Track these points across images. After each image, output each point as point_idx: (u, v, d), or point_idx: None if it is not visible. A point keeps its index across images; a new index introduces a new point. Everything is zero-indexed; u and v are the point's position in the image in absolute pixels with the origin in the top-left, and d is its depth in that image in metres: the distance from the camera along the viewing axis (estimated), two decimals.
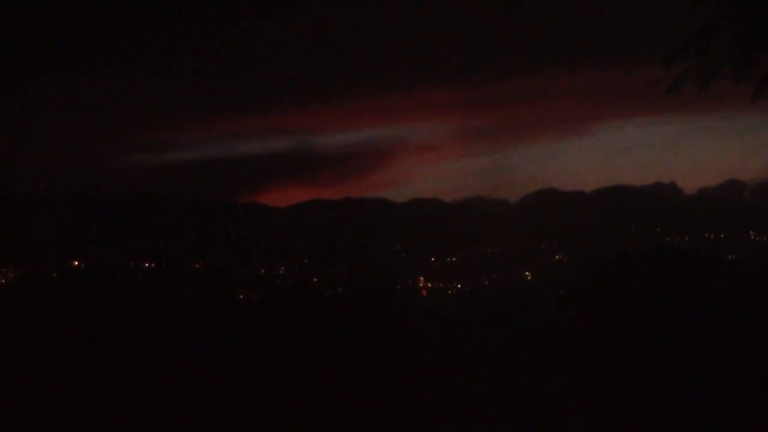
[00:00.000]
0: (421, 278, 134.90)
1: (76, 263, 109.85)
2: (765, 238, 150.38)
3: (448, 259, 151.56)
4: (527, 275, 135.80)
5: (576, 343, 26.79)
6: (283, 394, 23.17)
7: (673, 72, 12.26)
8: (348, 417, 22.52)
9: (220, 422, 21.84)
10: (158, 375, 23.28)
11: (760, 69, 11.62)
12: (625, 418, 21.69)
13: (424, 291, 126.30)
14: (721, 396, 21.52)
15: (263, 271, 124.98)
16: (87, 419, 21.21)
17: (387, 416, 22.53)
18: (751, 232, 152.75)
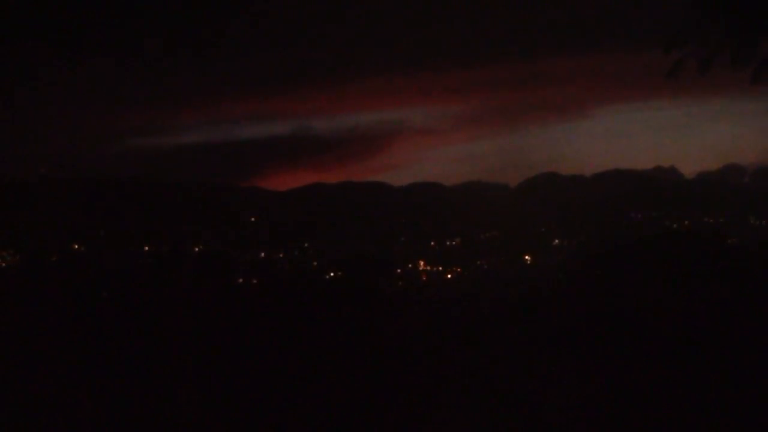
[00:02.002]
0: (421, 262, 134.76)
1: (77, 247, 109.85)
2: (764, 223, 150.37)
3: (448, 243, 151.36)
4: (527, 259, 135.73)
5: (575, 326, 26.85)
6: (282, 377, 23.23)
7: (673, 56, 12.26)
8: (346, 400, 22.58)
9: (220, 402, 21.91)
10: (158, 357, 23.34)
11: (759, 54, 11.61)
12: (625, 402, 21.75)
13: (423, 275, 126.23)
14: (722, 377, 21.58)
15: (263, 255, 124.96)
16: (88, 398, 21.28)
17: (384, 398, 22.60)
18: (751, 216, 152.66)
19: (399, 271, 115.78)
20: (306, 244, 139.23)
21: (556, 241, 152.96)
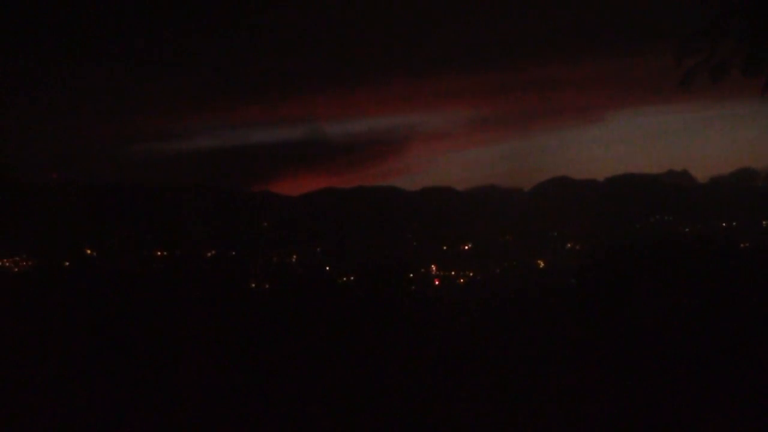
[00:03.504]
0: (434, 267, 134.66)
1: (89, 252, 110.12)
2: None
3: (461, 248, 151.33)
4: (540, 263, 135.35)
5: (588, 330, 26.79)
6: (295, 382, 23.25)
7: (686, 62, 12.23)
8: (359, 404, 22.58)
9: (232, 406, 21.94)
10: (171, 362, 23.38)
11: None
12: (640, 406, 21.69)
13: (436, 279, 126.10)
14: (736, 381, 21.50)
15: (275, 259, 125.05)
16: (101, 403, 21.34)
17: (397, 402, 22.59)
18: (764, 220, 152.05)
19: (412, 275, 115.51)
20: (318, 249, 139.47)
21: (569, 245, 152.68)
